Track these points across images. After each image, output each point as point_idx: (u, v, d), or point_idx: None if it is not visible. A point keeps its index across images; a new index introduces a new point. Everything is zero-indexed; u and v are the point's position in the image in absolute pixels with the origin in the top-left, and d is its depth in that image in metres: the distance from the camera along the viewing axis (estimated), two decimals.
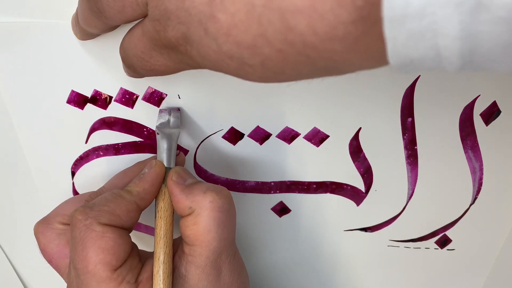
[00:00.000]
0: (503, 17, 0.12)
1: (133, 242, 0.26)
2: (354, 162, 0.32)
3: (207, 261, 0.25)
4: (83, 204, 0.25)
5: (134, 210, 0.25)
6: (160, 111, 0.29)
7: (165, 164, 0.27)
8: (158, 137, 0.27)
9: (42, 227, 0.27)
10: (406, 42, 0.14)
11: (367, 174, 0.33)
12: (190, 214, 0.25)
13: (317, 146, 0.31)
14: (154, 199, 0.26)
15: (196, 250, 0.25)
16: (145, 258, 0.26)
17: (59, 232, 0.27)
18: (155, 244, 0.25)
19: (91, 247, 0.23)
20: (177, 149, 0.28)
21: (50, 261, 0.27)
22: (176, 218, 0.26)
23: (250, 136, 0.31)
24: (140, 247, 0.27)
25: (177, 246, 0.26)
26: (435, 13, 0.13)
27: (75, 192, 0.33)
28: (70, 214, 0.24)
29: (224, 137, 0.31)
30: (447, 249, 0.36)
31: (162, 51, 0.21)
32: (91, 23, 0.23)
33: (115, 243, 0.23)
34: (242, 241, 0.36)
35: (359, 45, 0.15)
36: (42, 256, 0.27)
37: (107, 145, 0.31)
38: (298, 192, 0.33)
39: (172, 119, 0.28)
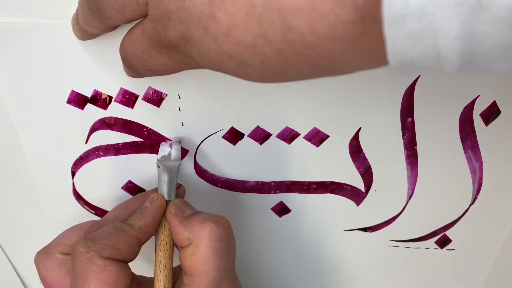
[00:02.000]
0: (503, 17, 0.12)
1: (133, 274, 0.26)
2: (354, 162, 0.32)
3: None
4: (85, 236, 0.25)
5: (135, 244, 0.25)
6: (162, 144, 0.30)
7: (166, 197, 0.27)
8: (159, 170, 0.27)
9: (42, 257, 0.27)
10: (405, 42, 0.14)
11: (367, 174, 0.33)
12: (188, 245, 0.24)
13: (317, 146, 0.31)
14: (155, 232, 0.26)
15: (195, 280, 0.24)
16: None
17: (60, 262, 0.27)
18: (155, 277, 0.25)
19: (93, 280, 0.23)
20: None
21: None
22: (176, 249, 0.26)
23: (250, 136, 0.31)
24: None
25: (177, 276, 0.26)
26: (435, 12, 0.13)
27: (75, 192, 0.33)
28: (72, 246, 0.24)
29: (224, 137, 0.31)
30: (447, 249, 0.36)
31: (162, 51, 0.21)
32: (91, 23, 0.23)
33: (117, 276, 0.23)
34: (242, 241, 0.36)
35: (358, 45, 0.15)
36: (43, 285, 0.27)
37: (107, 145, 0.31)
38: (298, 192, 0.33)
39: (173, 152, 0.29)
